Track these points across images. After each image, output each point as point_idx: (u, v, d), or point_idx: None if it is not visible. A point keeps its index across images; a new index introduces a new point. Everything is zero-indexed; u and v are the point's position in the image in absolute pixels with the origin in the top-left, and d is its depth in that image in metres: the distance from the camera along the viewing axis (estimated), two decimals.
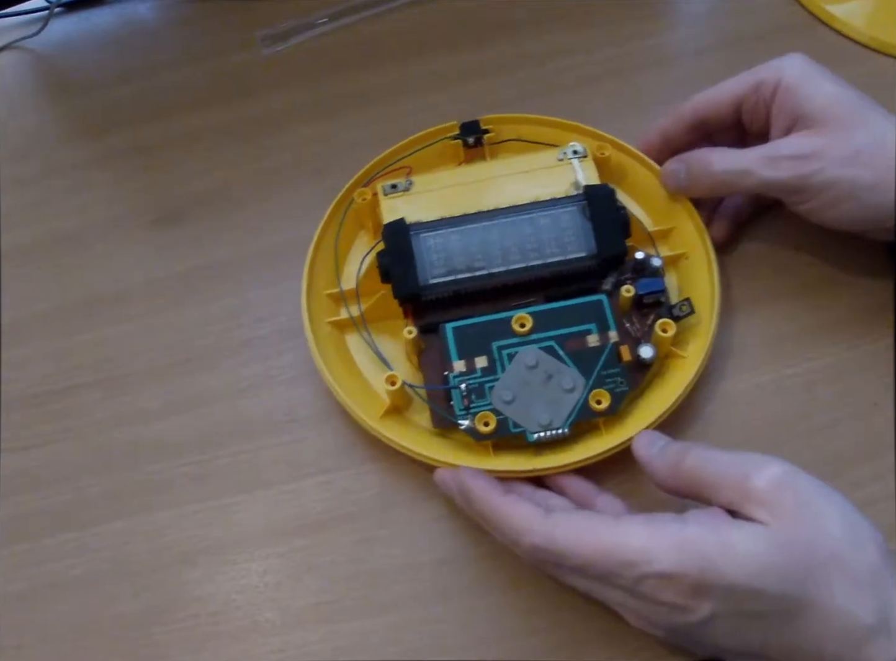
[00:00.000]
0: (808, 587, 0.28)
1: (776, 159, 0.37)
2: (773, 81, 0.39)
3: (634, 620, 0.31)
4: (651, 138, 0.43)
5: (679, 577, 0.28)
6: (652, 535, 0.29)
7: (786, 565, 0.28)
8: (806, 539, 0.28)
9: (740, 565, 0.28)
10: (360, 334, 0.40)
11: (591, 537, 0.30)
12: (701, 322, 0.38)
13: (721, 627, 0.28)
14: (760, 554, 0.28)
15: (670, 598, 0.28)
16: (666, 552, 0.28)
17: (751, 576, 0.28)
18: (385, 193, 0.41)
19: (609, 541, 0.29)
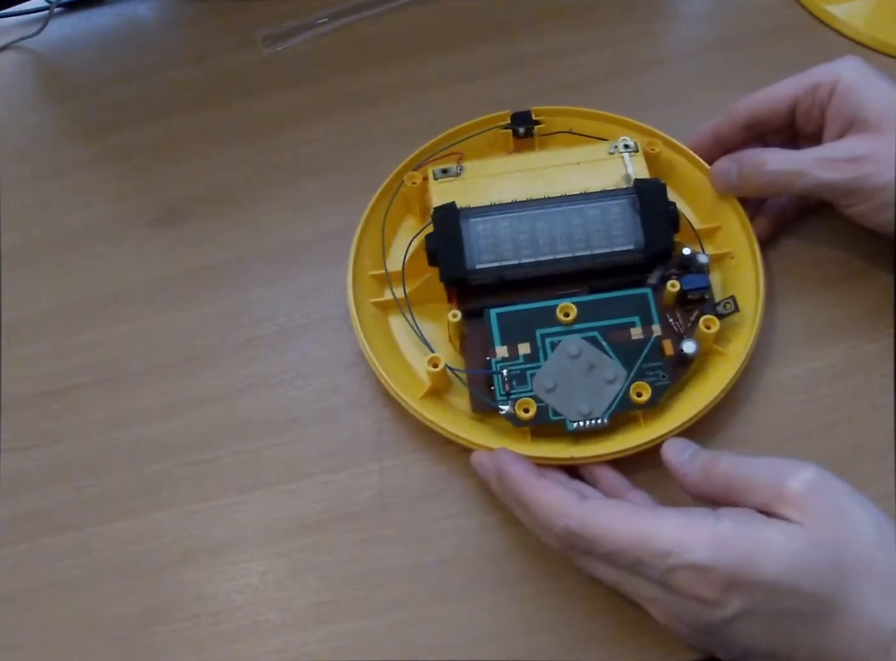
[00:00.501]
0: (841, 587, 0.28)
1: (831, 161, 0.37)
2: (830, 84, 0.39)
3: (661, 615, 0.30)
4: (703, 137, 0.43)
5: (712, 570, 0.28)
6: (687, 526, 0.29)
7: (820, 563, 0.28)
8: (840, 540, 0.28)
9: (776, 560, 0.28)
10: (403, 315, 0.40)
11: (624, 524, 0.29)
12: (743, 321, 0.39)
13: (750, 625, 0.28)
14: (796, 551, 0.28)
15: (701, 591, 0.28)
16: (700, 543, 0.28)
17: (785, 572, 0.28)
18: (435, 177, 0.42)
19: (643, 529, 0.29)
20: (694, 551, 0.28)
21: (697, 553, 0.28)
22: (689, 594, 0.28)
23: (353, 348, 0.41)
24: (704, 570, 0.28)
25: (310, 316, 0.43)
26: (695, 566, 0.28)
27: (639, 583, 0.30)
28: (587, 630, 0.34)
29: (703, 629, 0.29)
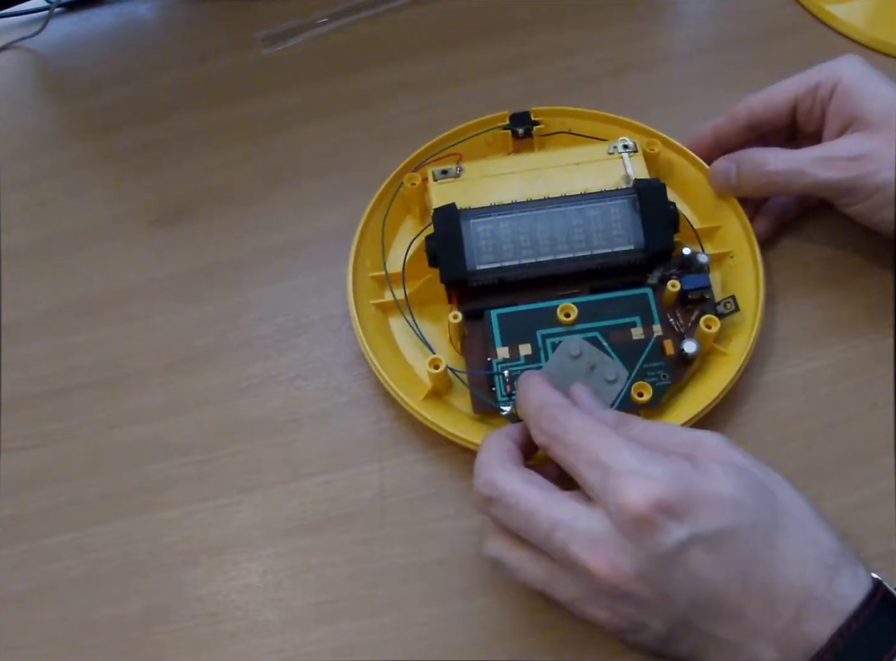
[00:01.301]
0: (779, 512, 0.29)
1: (831, 160, 0.37)
2: (831, 83, 0.39)
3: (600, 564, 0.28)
4: (703, 137, 0.43)
5: (664, 485, 0.27)
6: (642, 456, 0.29)
7: (758, 487, 0.29)
8: (765, 472, 0.30)
9: (719, 479, 0.28)
10: (403, 316, 0.40)
11: (596, 431, 0.30)
12: (743, 320, 0.39)
13: (699, 554, 0.27)
14: (734, 475, 0.29)
15: (649, 511, 0.27)
16: (654, 465, 0.28)
17: (729, 488, 0.28)
18: (435, 178, 0.42)
19: (611, 440, 0.29)
20: (650, 470, 0.28)
21: (653, 471, 0.28)
22: (640, 515, 0.27)
23: (353, 347, 0.41)
24: (659, 487, 0.27)
25: (310, 316, 0.43)
26: (651, 481, 0.28)
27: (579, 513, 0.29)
28: (586, 630, 0.34)
29: (647, 573, 0.28)
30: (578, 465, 0.29)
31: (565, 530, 0.28)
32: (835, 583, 0.28)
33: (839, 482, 0.30)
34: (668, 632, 0.29)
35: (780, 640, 0.28)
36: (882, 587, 0.28)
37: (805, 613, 0.27)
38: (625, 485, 0.28)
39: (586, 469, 0.29)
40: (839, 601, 0.27)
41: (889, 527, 0.35)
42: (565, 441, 0.30)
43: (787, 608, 0.28)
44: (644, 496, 0.27)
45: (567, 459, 0.30)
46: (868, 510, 0.31)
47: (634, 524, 0.27)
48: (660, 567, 0.28)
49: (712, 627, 0.28)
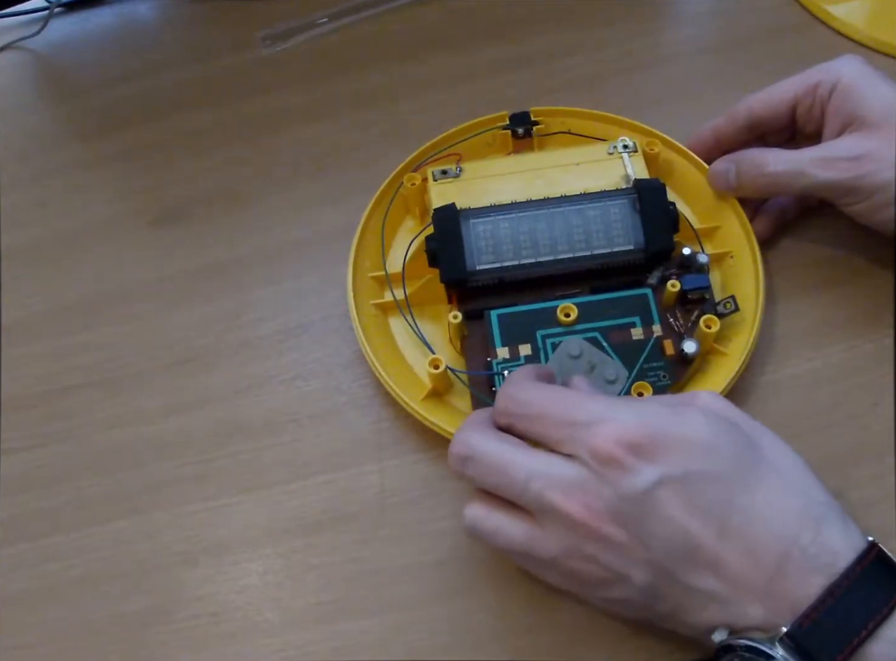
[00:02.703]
0: (760, 463, 0.29)
1: (830, 160, 0.37)
2: (831, 82, 0.39)
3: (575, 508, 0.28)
4: (703, 137, 0.43)
5: (635, 428, 0.28)
6: (613, 402, 0.30)
7: (736, 433, 0.29)
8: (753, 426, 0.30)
9: (693, 422, 0.29)
10: (403, 316, 0.40)
11: (556, 396, 0.30)
12: (743, 320, 0.39)
13: (671, 495, 0.27)
14: (712, 420, 0.29)
15: (618, 452, 0.28)
16: (624, 410, 0.29)
17: (703, 432, 0.28)
18: (435, 178, 0.42)
19: (576, 398, 0.30)
20: (619, 414, 0.28)
21: (622, 414, 0.28)
22: (609, 455, 0.28)
23: (353, 347, 0.41)
24: (627, 427, 0.28)
25: (310, 316, 0.43)
26: (619, 423, 0.28)
27: (553, 463, 0.29)
28: (586, 630, 0.34)
29: (619, 513, 0.28)
30: (547, 431, 0.30)
31: (542, 479, 0.29)
32: (822, 535, 0.27)
33: (839, 482, 0.30)
34: (651, 584, 0.28)
35: (764, 595, 0.27)
36: (876, 547, 0.28)
37: (788, 565, 0.27)
38: (594, 432, 0.28)
39: (555, 430, 0.29)
40: (827, 554, 0.27)
41: (889, 527, 0.35)
42: (529, 415, 0.30)
43: (768, 557, 0.27)
44: (613, 437, 0.28)
45: (534, 430, 0.30)
46: (868, 510, 0.31)
47: (605, 465, 0.28)
48: (632, 508, 0.28)
49: (693, 577, 0.28)
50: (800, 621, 0.26)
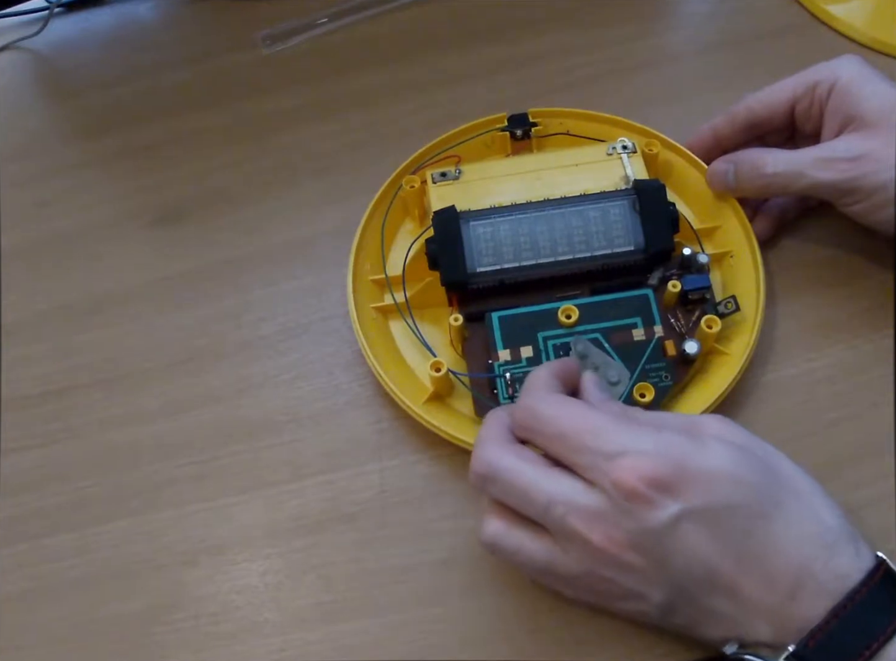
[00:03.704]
0: (780, 488, 0.29)
1: (829, 161, 0.37)
2: (829, 82, 0.39)
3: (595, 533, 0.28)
4: (702, 137, 0.43)
5: (657, 459, 0.28)
6: (634, 429, 0.29)
7: (757, 462, 0.29)
8: (767, 451, 0.30)
9: (716, 455, 0.29)
10: (403, 319, 0.40)
11: (581, 413, 0.30)
12: (743, 320, 0.39)
13: (693, 529, 0.28)
14: (734, 449, 0.29)
15: (641, 487, 0.27)
16: (646, 440, 0.29)
17: (726, 463, 0.28)
18: (434, 180, 0.42)
19: (597, 421, 0.30)
20: (642, 446, 0.28)
21: (644, 446, 0.28)
22: (633, 491, 0.28)
23: (353, 348, 0.41)
24: (651, 462, 0.28)
25: (310, 316, 0.43)
26: (643, 457, 0.28)
27: (576, 489, 0.29)
28: (586, 630, 0.34)
29: (640, 545, 0.28)
30: (568, 454, 0.29)
31: (563, 505, 0.29)
32: (833, 562, 0.28)
33: (839, 482, 0.30)
34: (668, 602, 0.29)
35: (774, 616, 0.28)
36: (884, 566, 0.28)
37: (801, 590, 0.27)
38: (618, 465, 0.28)
39: (576, 455, 0.29)
40: (836, 581, 0.27)
41: (889, 527, 0.35)
42: (549, 434, 0.30)
43: (783, 584, 0.28)
44: (636, 472, 0.28)
45: (554, 449, 0.30)
46: (868, 510, 0.31)
47: (629, 500, 0.28)
48: (654, 540, 0.28)
49: (709, 600, 0.29)
50: (805, 641, 0.27)
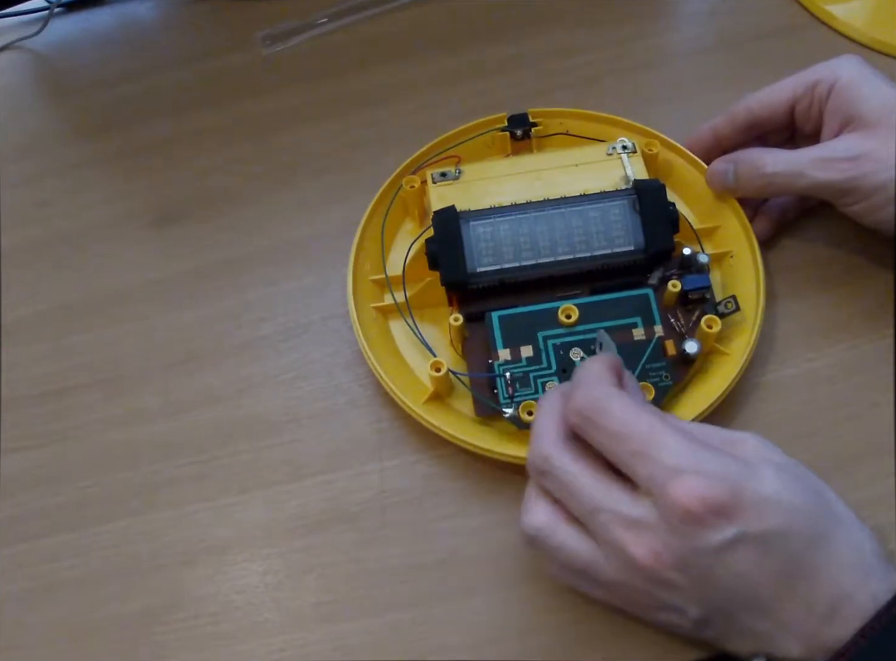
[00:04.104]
0: (826, 512, 0.29)
1: (828, 161, 0.37)
2: (829, 81, 0.39)
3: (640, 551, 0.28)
4: (702, 137, 0.43)
5: (719, 482, 0.27)
6: (695, 446, 0.28)
7: (807, 487, 0.29)
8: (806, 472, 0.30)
9: (772, 478, 0.28)
10: (403, 319, 0.40)
11: (643, 418, 0.29)
12: (743, 320, 0.39)
13: (744, 554, 0.27)
14: (787, 475, 0.28)
15: (699, 509, 0.27)
16: (706, 464, 0.28)
17: (783, 489, 0.28)
18: (434, 181, 0.42)
19: (659, 428, 0.29)
20: (702, 465, 0.27)
21: (705, 465, 0.27)
22: (690, 513, 0.27)
23: (353, 348, 0.41)
24: (711, 486, 0.27)
25: (310, 316, 0.43)
26: (704, 479, 0.27)
27: (623, 501, 0.28)
28: (587, 631, 0.34)
29: (686, 564, 0.28)
30: (623, 455, 0.29)
31: (610, 513, 0.28)
32: (869, 585, 0.28)
33: (839, 482, 0.30)
34: (704, 618, 0.29)
35: (807, 636, 0.28)
36: None
37: (837, 613, 0.27)
38: (676, 483, 0.27)
39: (632, 460, 0.28)
40: (870, 602, 0.27)
41: (889, 527, 0.35)
42: (606, 429, 0.29)
43: (822, 607, 0.28)
44: (696, 496, 0.27)
45: (609, 447, 0.29)
46: (868, 510, 0.31)
47: (683, 521, 0.27)
48: (702, 562, 0.28)
49: (747, 619, 0.29)
50: (834, 660, 0.27)
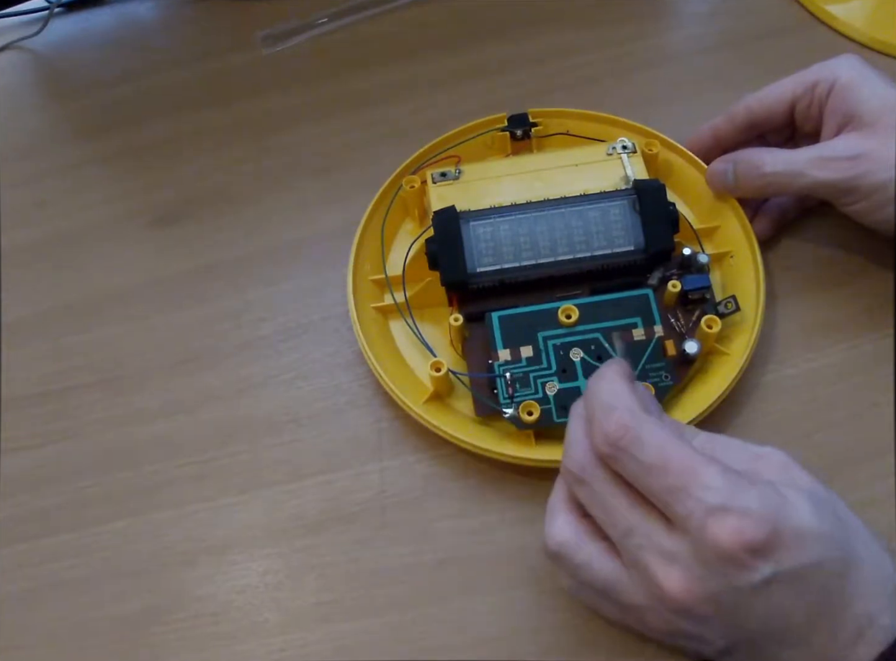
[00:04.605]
0: (850, 540, 0.28)
1: (828, 160, 0.37)
2: (828, 81, 0.39)
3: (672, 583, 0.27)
4: (702, 137, 0.43)
5: (755, 533, 0.26)
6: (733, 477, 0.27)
7: (833, 515, 0.28)
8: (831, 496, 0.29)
9: (806, 510, 0.27)
10: (403, 319, 0.40)
11: (681, 447, 0.28)
12: (743, 320, 0.39)
13: (779, 590, 0.27)
14: (817, 501, 0.28)
15: (740, 553, 0.26)
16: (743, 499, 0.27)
17: (816, 520, 0.27)
18: (434, 181, 0.42)
19: (696, 459, 0.27)
20: (740, 502, 0.26)
21: (742, 501, 0.26)
22: (727, 550, 0.26)
23: (353, 348, 0.41)
24: (751, 526, 0.26)
25: (310, 316, 0.43)
26: (744, 519, 0.26)
27: (658, 529, 0.27)
28: (587, 631, 0.34)
29: (718, 600, 0.27)
30: (658, 489, 0.27)
31: (644, 538, 0.28)
32: (891, 609, 0.27)
33: (839, 482, 0.30)
34: (729, 648, 0.28)
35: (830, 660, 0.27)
36: None
37: (861, 638, 0.27)
38: (716, 523, 0.26)
39: (668, 496, 0.27)
40: (892, 625, 0.27)
41: (889, 527, 0.35)
42: (640, 459, 0.27)
43: (848, 634, 0.27)
44: (736, 537, 0.26)
45: (643, 479, 0.28)
46: (868, 511, 0.31)
47: (721, 561, 0.26)
48: (735, 599, 0.27)
49: (774, 650, 0.28)
50: None
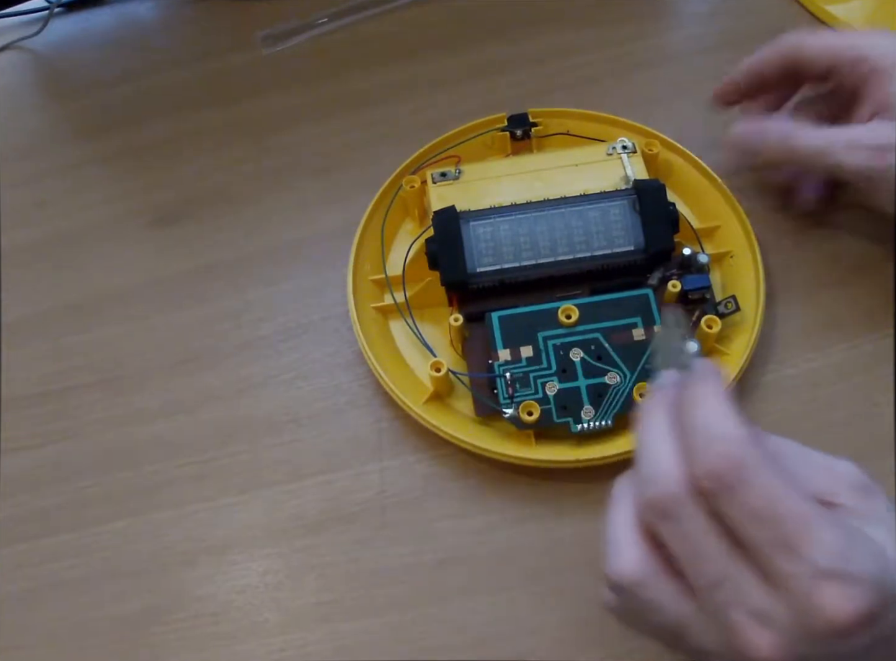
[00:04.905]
0: None
1: (858, 146, 0.36)
2: (874, 61, 0.38)
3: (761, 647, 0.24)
4: (737, 75, 0.42)
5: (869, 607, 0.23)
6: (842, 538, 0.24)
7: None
8: None
9: None
10: (403, 319, 0.40)
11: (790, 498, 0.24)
12: (743, 320, 0.39)
13: (875, 651, 0.24)
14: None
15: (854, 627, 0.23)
16: (857, 563, 0.23)
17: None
18: (434, 181, 0.42)
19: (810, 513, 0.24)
20: (853, 568, 0.23)
21: (856, 567, 0.23)
22: (836, 622, 0.23)
23: (353, 348, 0.41)
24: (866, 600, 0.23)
25: (310, 316, 0.43)
26: (858, 591, 0.23)
27: (753, 583, 0.24)
28: (586, 631, 0.34)
29: (807, 659, 0.24)
30: (762, 540, 0.24)
31: (734, 592, 0.24)
32: None
33: None
34: None
35: None
36: None
37: None
38: (826, 592, 0.23)
39: (773, 550, 0.24)
40: None
41: None
42: (748, 502, 0.24)
43: None
44: (846, 609, 0.23)
45: (746, 527, 0.24)
46: None
47: (825, 631, 0.23)
48: (826, 659, 0.24)
49: None
50: None
